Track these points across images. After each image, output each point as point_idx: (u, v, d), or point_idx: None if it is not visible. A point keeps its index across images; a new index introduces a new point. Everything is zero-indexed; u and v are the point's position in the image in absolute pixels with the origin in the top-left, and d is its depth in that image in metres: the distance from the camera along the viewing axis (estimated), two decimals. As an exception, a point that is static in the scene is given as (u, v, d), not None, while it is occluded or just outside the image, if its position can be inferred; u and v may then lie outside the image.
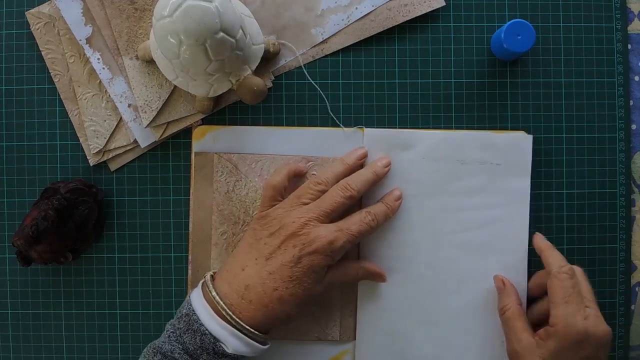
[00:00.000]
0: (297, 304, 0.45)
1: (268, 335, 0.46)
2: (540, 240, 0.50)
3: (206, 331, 0.43)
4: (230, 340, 0.43)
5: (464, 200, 0.51)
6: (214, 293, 0.44)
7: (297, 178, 0.50)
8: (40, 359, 0.53)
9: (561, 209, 0.53)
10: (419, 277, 0.51)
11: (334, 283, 0.47)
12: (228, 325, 0.43)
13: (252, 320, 0.44)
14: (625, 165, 0.53)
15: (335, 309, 0.51)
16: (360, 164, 0.50)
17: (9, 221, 0.53)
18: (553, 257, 0.48)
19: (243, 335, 0.43)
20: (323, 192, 0.47)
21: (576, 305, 0.45)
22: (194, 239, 0.52)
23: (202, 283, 0.46)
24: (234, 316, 0.43)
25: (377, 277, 0.50)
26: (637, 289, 0.53)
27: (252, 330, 0.44)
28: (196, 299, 0.45)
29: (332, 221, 0.46)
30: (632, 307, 0.53)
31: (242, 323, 0.43)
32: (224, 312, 0.43)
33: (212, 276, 0.47)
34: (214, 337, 0.43)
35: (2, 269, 0.53)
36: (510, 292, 0.49)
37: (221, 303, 0.44)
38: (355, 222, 0.47)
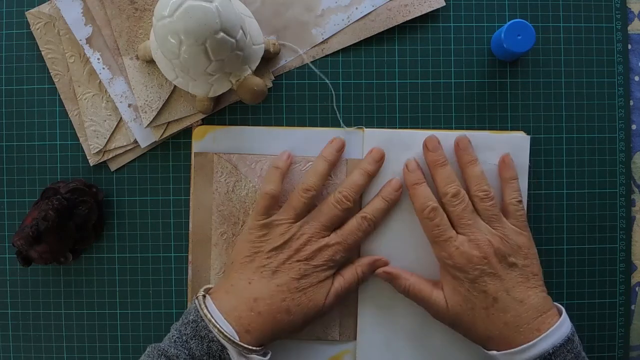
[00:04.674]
0: (304, 314, 0.46)
1: (265, 347, 0.46)
2: (405, 174, 0.50)
3: (214, 338, 0.43)
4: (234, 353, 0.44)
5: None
6: (217, 312, 0.45)
7: (289, 176, 0.51)
8: (40, 359, 0.53)
9: (561, 209, 0.53)
10: (419, 277, 0.51)
11: (339, 296, 0.48)
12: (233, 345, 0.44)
13: (260, 332, 0.45)
14: (625, 165, 0.53)
15: (336, 309, 0.51)
16: (339, 155, 0.51)
17: (9, 221, 0.53)
18: (416, 196, 0.49)
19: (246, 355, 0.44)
20: (314, 197, 0.49)
21: (444, 241, 0.47)
22: (194, 239, 0.52)
23: (205, 296, 0.46)
24: (239, 342, 0.43)
25: (379, 264, 0.50)
26: (637, 289, 0.53)
27: (253, 348, 0.44)
28: (208, 307, 0.45)
29: (332, 230, 0.49)
30: (632, 307, 0.53)
31: (244, 345, 0.44)
32: (229, 337, 0.43)
33: (206, 293, 0.47)
34: (222, 344, 0.43)
35: (2, 269, 0.53)
36: (399, 274, 0.49)
37: (226, 323, 0.44)
38: (352, 231, 0.49)
